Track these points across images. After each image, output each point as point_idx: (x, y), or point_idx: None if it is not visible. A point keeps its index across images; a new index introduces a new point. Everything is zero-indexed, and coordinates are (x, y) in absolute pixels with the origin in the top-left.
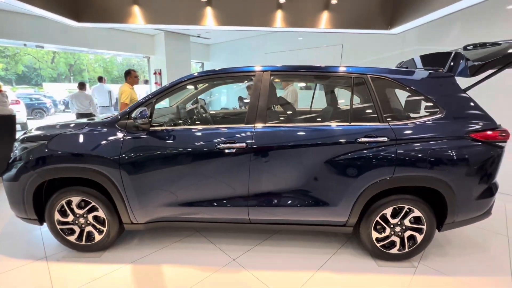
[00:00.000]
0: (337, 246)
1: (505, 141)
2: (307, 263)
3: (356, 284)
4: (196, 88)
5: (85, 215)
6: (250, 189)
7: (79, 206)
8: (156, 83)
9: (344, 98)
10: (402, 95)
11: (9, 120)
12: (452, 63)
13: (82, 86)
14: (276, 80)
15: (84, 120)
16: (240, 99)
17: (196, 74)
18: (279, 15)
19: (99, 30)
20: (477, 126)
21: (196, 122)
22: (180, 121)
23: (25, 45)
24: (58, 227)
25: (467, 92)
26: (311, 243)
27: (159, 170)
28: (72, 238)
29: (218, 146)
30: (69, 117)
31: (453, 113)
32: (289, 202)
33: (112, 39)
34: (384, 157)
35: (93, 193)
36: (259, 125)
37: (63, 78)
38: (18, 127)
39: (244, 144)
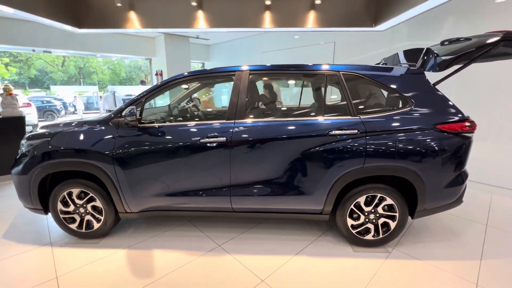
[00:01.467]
0: (318, 234)
1: (472, 132)
2: (287, 249)
3: (328, 268)
4: (187, 87)
5: (84, 205)
6: (232, 180)
7: (79, 197)
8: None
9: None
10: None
11: (19, 122)
12: (424, 58)
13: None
14: (264, 78)
15: (86, 118)
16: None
17: (185, 73)
18: (267, 16)
19: (102, 34)
20: (443, 118)
21: (187, 119)
22: (171, 119)
23: (33, 50)
24: (61, 216)
25: (437, 87)
26: (293, 231)
27: (148, 163)
28: (74, 226)
29: (202, 140)
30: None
31: (421, 106)
32: (268, 191)
33: (115, 43)
34: (355, 148)
35: (91, 185)
36: (238, 121)
37: (73, 81)
38: (29, 128)
39: (224, 138)
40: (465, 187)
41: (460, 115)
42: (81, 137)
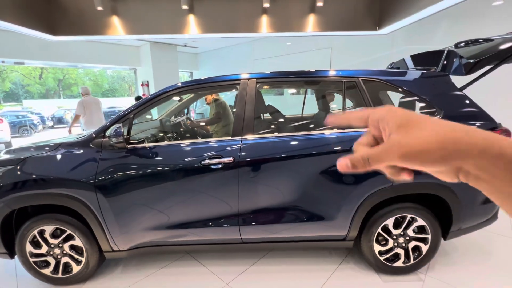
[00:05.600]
0: (338, 261)
1: None
2: (307, 283)
3: None
4: (180, 99)
5: (60, 245)
6: (241, 207)
7: (53, 236)
8: (144, 95)
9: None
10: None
11: None
12: (445, 62)
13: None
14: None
15: (60, 139)
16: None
17: (179, 84)
18: (264, 20)
19: (82, 43)
20: (476, 126)
21: (182, 136)
22: (163, 136)
23: (3, 62)
24: (31, 259)
25: (463, 91)
26: (310, 260)
27: (140, 191)
28: (47, 271)
29: (204, 162)
30: (58, 133)
31: (450, 112)
32: (283, 218)
33: (97, 52)
34: None
35: (68, 220)
36: (246, 137)
37: (52, 94)
38: (1, 146)
39: (231, 158)
40: None
41: (494, 123)
42: (53, 163)
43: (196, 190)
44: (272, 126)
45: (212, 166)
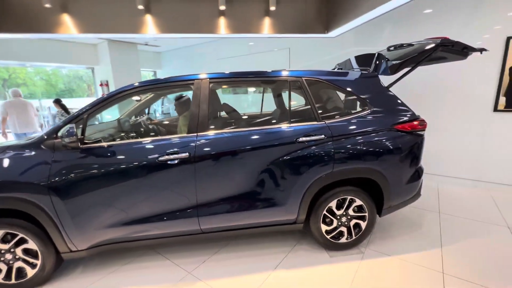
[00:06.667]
0: (293, 244)
1: (424, 130)
2: (264, 265)
3: (309, 278)
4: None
5: (12, 250)
6: (198, 199)
7: (3, 241)
8: (103, 95)
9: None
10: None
11: None
12: (376, 63)
13: None
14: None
15: (9, 142)
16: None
17: (136, 84)
18: (222, 22)
19: (33, 40)
20: (400, 119)
21: (141, 135)
22: (122, 136)
23: None
24: None
25: (390, 89)
26: (268, 244)
27: (97, 190)
28: None
29: (160, 158)
30: None
31: (379, 108)
32: (239, 207)
33: (48, 50)
34: (323, 153)
35: (20, 223)
36: (201, 134)
37: None
38: None
39: (186, 154)
40: (422, 181)
41: (413, 115)
42: (4, 166)
43: (154, 186)
44: (227, 123)
45: (169, 162)
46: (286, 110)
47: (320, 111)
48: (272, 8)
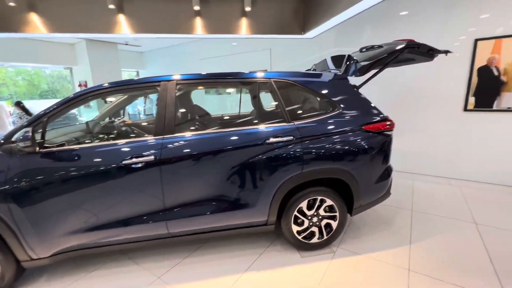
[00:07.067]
0: (266, 245)
1: (392, 130)
2: (235, 267)
3: (279, 279)
4: (106, 101)
5: None
6: (166, 203)
7: None
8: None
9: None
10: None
11: None
12: (346, 64)
13: None
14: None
15: None
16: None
17: (106, 84)
18: (198, 22)
19: (7, 40)
20: (368, 119)
21: (110, 138)
22: (87, 139)
23: None
24: None
25: (359, 90)
26: (242, 246)
27: (58, 196)
28: None
29: (125, 162)
30: None
31: (348, 109)
32: (208, 209)
33: (24, 50)
34: (292, 154)
35: None
36: (168, 136)
37: None
38: None
39: (152, 157)
40: (392, 180)
41: (381, 115)
42: None
43: (118, 191)
44: (197, 125)
45: (134, 166)
46: (257, 112)
47: (289, 113)
48: (248, 8)
